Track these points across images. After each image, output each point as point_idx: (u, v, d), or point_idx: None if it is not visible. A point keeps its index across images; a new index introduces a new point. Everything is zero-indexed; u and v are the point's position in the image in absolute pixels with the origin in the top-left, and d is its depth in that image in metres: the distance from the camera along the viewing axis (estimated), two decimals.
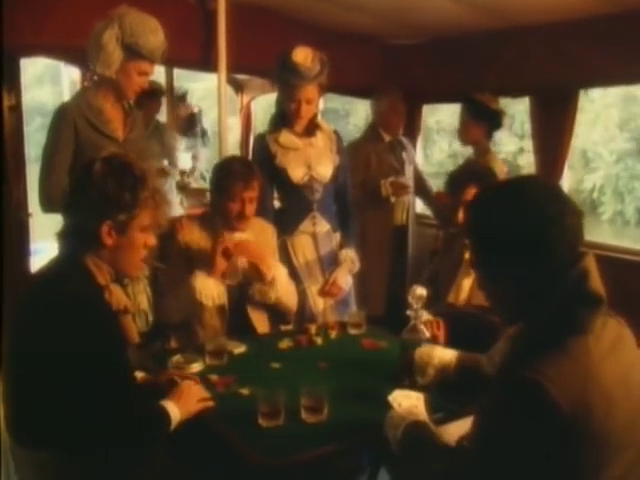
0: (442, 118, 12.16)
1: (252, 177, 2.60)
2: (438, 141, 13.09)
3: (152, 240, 1.77)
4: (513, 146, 12.14)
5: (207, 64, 3.69)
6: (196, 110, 5.86)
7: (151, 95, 4.00)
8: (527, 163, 9.38)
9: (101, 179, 1.68)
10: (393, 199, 3.95)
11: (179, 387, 1.83)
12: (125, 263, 1.76)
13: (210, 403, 1.88)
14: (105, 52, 2.52)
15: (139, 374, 1.97)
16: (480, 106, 3.72)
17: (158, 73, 4.60)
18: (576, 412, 1.19)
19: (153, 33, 2.52)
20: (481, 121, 3.74)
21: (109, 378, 1.59)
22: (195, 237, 2.65)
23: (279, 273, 2.68)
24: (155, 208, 1.74)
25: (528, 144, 3.48)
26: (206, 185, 5.19)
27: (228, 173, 2.60)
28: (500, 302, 1.42)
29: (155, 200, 1.74)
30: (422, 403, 1.79)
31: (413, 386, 1.96)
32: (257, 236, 2.71)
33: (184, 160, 5.33)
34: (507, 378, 1.27)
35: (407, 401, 1.79)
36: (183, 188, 5.01)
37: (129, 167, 1.72)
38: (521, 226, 1.31)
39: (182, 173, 5.08)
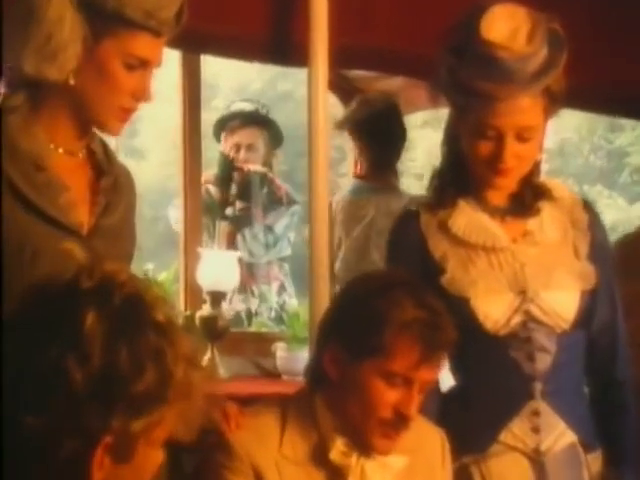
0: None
1: (442, 337, 2.17)
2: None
3: (160, 456, 1.61)
4: None
5: (285, 50, 3.42)
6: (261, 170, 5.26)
7: None
8: None
9: (100, 352, 1.45)
10: None
11: None
12: None
13: None
14: (49, 24, 2.21)
15: None
16: None
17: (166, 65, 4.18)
18: None
19: None
20: None
21: None
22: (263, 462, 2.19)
23: None
24: (185, 397, 1.55)
25: None
26: (272, 327, 4.92)
27: (394, 317, 2.13)
28: None
29: (189, 382, 1.53)
30: None
31: None
32: (414, 455, 2.33)
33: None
34: None
35: None
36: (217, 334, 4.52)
37: (144, 313, 1.49)
38: None
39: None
